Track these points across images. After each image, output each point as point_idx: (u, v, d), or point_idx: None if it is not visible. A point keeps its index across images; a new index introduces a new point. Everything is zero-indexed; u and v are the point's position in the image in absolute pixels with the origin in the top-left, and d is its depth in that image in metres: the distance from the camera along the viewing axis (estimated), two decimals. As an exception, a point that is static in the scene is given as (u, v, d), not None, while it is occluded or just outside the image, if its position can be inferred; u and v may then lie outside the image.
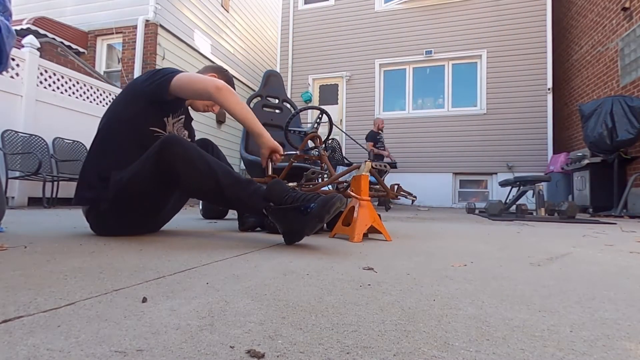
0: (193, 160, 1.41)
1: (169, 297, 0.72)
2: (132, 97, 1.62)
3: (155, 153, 1.42)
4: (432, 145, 8.14)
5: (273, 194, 1.41)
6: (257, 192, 1.45)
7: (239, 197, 1.45)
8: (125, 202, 1.50)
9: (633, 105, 4.84)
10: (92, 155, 1.61)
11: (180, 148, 1.40)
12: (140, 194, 1.50)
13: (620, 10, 5.68)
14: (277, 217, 1.42)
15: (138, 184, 1.47)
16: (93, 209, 1.58)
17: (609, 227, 2.94)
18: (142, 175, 1.45)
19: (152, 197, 1.55)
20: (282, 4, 9.72)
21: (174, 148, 1.40)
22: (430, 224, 2.96)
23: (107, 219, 1.56)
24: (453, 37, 8.20)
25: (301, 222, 1.36)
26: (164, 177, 1.45)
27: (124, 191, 1.47)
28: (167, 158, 1.40)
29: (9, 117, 4.42)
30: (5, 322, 0.56)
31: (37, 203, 4.59)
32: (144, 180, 1.46)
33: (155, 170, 1.44)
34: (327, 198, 1.33)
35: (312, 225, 1.34)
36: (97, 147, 1.61)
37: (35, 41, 4.77)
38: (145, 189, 1.49)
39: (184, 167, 1.41)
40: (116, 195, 1.48)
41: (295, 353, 0.48)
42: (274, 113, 3.46)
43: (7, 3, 1.41)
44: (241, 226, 2.01)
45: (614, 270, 1.14)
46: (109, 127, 1.61)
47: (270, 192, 1.42)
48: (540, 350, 0.51)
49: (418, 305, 0.72)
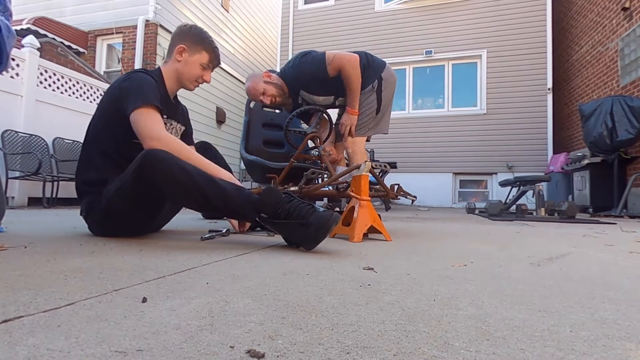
0: (173, 174, 1.33)
1: (169, 297, 0.72)
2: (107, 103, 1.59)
3: (134, 169, 1.36)
4: (432, 145, 8.14)
5: (265, 205, 1.38)
6: (247, 203, 1.41)
7: (228, 207, 1.42)
8: (118, 210, 1.49)
9: (633, 105, 4.84)
10: (79, 163, 1.62)
11: (159, 163, 1.33)
12: (129, 205, 1.47)
13: (620, 10, 5.68)
14: (274, 227, 1.42)
15: (124, 197, 1.44)
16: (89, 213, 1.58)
17: (609, 227, 2.94)
18: (126, 189, 1.42)
19: (142, 207, 1.52)
20: (282, 4, 9.71)
21: (152, 163, 1.33)
22: (430, 224, 2.96)
23: (104, 223, 1.57)
24: (453, 37, 8.19)
25: (299, 237, 1.37)
26: (149, 190, 1.41)
27: (113, 203, 1.46)
28: (147, 174, 1.34)
29: (9, 117, 4.42)
30: (5, 322, 0.56)
31: (37, 203, 4.58)
32: (130, 195, 1.43)
33: (138, 186, 1.39)
34: (324, 220, 1.29)
35: (309, 246, 1.34)
36: (81, 155, 1.61)
37: (35, 41, 4.77)
38: (133, 201, 1.46)
39: (165, 182, 1.35)
40: (107, 206, 1.47)
41: (295, 353, 0.48)
42: (274, 113, 3.46)
43: (7, 3, 1.41)
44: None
45: (614, 270, 1.13)
46: (87, 136, 1.61)
47: (262, 204, 1.39)
48: (540, 350, 0.51)
49: (418, 305, 0.72)
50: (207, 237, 1.59)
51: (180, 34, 1.69)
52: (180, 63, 1.68)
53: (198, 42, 1.68)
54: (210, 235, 1.60)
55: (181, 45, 1.66)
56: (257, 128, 3.23)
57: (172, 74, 1.70)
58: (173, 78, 1.71)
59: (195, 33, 1.70)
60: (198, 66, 1.69)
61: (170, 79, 1.71)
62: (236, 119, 9.34)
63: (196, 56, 1.68)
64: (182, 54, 1.67)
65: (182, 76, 1.70)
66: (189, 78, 1.71)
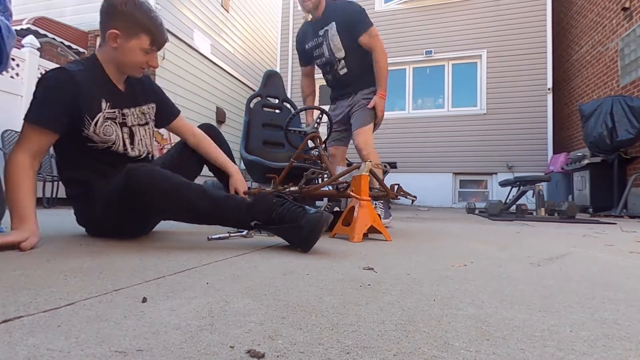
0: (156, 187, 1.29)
1: (169, 297, 0.72)
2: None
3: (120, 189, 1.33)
4: (432, 145, 8.14)
5: (258, 211, 1.39)
6: (238, 209, 1.39)
7: (217, 216, 1.39)
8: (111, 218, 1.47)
9: (633, 105, 4.83)
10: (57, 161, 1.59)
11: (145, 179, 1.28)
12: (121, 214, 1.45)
13: (620, 10, 5.68)
14: (270, 230, 1.44)
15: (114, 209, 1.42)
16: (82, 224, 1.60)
17: (609, 227, 2.93)
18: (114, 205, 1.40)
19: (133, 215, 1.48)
20: (282, 4, 9.71)
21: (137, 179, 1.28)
22: (430, 224, 2.96)
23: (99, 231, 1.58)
24: (453, 37, 8.19)
25: (294, 240, 1.38)
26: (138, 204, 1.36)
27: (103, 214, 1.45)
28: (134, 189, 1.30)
29: (9, 117, 4.42)
30: (5, 322, 0.56)
31: (37, 203, 4.57)
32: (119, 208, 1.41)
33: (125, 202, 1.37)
34: (314, 222, 1.29)
35: (305, 248, 1.35)
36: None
37: (35, 41, 4.77)
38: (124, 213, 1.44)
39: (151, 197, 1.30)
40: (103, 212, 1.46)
41: (295, 353, 0.48)
42: (274, 113, 3.46)
43: (7, 3, 1.40)
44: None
45: (614, 270, 1.13)
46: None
47: (256, 211, 1.39)
48: (540, 350, 0.51)
49: (418, 305, 0.72)
50: (214, 237, 1.59)
51: (110, 14, 1.39)
52: (116, 51, 1.42)
53: (133, 24, 1.39)
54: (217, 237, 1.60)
55: (112, 30, 1.38)
56: (257, 128, 3.23)
57: (110, 62, 1.47)
58: (113, 65, 1.48)
59: (128, 12, 1.37)
60: (138, 52, 1.43)
61: (110, 67, 1.48)
62: (236, 119, 9.34)
63: (133, 41, 1.40)
64: (117, 39, 1.40)
65: (121, 65, 1.47)
66: (131, 66, 1.46)
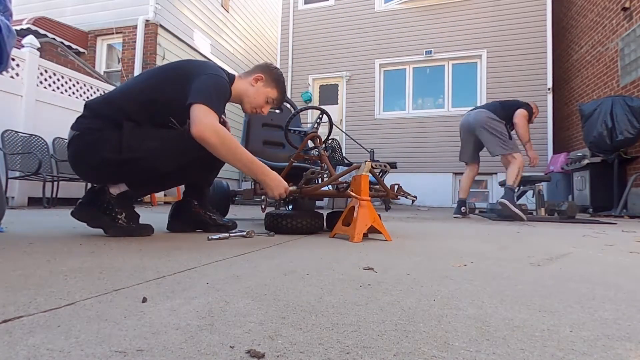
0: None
1: (169, 297, 0.72)
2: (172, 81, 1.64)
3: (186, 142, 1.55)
4: (432, 145, 8.14)
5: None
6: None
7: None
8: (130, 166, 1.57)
9: (633, 105, 4.83)
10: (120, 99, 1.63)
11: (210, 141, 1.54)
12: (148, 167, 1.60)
13: (620, 10, 5.68)
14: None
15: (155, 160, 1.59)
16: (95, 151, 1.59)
17: (609, 227, 2.93)
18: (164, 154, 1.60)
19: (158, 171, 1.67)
20: (282, 4, 9.71)
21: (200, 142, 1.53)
22: (430, 224, 2.96)
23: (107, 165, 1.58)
24: (453, 37, 8.19)
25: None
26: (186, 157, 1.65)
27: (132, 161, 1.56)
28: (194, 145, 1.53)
29: (9, 117, 4.42)
30: (5, 322, 0.56)
31: (37, 203, 4.58)
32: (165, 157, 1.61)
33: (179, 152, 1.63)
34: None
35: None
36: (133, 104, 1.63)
37: (35, 41, 4.77)
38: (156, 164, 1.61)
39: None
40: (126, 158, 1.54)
41: (295, 353, 0.48)
42: (274, 113, 3.45)
43: (7, 3, 1.41)
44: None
45: (614, 270, 1.13)
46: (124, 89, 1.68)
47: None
48: (540, 350, 0.51)
49: (418, 305, 0.72)
50: (214, 237, 1.59)
51: (265, 67, 1.92)
52: (252, 88, 1.87)
53: (275, 80, 1.89)
54: (217, 237, 1.61)
55: (261, 74, 1.87)
56: (257, 128, 3.23)
57: (239, 89, 1.86)
58: (237, 93, 1.86)
59: (277, 73, 1.92)
60: (264, 98, 1.88)
61: (235, 91, 1.85)
62: (236, 119, 9.34)
63: (267, 89, 1.88)
64: (258, 81, 1.87)
65: (247, 98, 1.88)
66: (252, 103, 1.89)
